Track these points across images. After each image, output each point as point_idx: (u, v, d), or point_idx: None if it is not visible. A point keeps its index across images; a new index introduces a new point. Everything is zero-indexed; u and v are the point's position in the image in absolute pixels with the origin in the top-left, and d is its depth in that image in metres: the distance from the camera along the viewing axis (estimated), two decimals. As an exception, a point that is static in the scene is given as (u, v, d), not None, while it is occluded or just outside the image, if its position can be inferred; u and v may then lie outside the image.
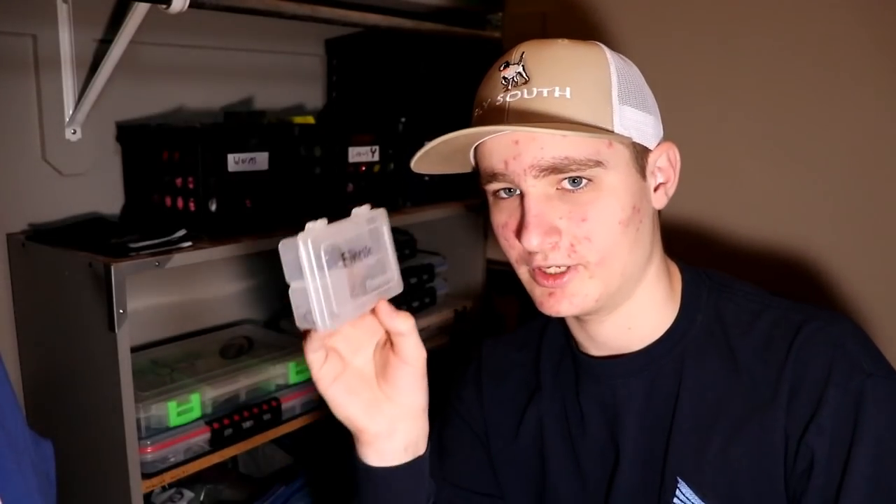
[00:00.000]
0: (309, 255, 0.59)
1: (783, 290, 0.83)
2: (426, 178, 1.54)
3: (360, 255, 0.65)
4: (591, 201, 0.72)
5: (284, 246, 0.59)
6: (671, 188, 0.79)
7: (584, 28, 1.48)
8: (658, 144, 0.77)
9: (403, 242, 1.61)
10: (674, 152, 0.79)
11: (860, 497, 0.68)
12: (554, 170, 0.70)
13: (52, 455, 0.67)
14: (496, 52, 1.62)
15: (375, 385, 0.70)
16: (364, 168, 1.40)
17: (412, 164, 0.77)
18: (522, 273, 0.77)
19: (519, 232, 0.73)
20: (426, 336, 1.54)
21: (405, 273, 1.55)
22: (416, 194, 1.51)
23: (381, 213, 0.69)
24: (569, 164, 0.70)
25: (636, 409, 0.81)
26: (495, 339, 1.00)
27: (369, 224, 0.67)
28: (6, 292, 1.21)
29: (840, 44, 1.21)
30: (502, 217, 0.76)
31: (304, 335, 0.64)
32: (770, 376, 0.74)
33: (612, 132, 0.71)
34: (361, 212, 0.67)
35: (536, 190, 0.72)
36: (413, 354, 0.67)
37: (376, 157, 1.41)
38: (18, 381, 1.23)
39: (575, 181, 0.71)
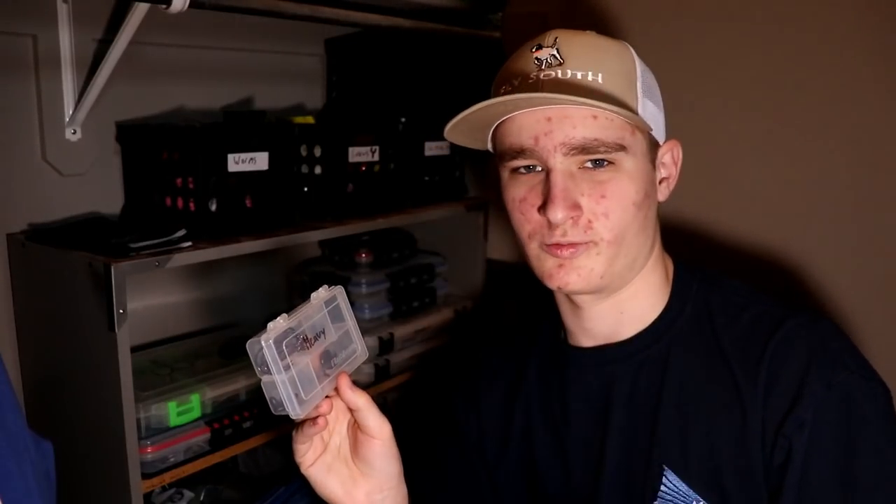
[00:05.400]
0: (273, 353, 0.64)
1: (776, 291, 0.83)
2: (426, 179, 1.54)
3: (322, 336, 0.71)
4: (610, 180, 0.75)
5: (251, 345, 0.65)
6: (672, 183, 0.84)
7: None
8: (666, 141, 0.82)
9: (403, 242, 1.61)
10: (678, 150, 0.84)
11: (833, 491, 0.69)
12: (583, 149, 0.74)
13: (52, 455, 0.67)
14: (496, 52, 1.64)
15: (351, 461, 0.74)
16: (364, 168, 1.40)
17: (446, 130, 0.79)
18: (532, 248, 0.79)
19: (542, 207, 0.75)
20: (426, 336, 1.55)
21: (405, 273, 1.57)
22: (416, 194, 1.51)
23: (339, 291, 0.74)
24: (598, 145, 0.73)
25: (623, 397, 0.82)
26: (490, 344, 1.02)
27: (328, 305, 0.72)
28: (6, 292, 1.21)
29: (841, 44, 1.21)
30: (520, 191, 0.78)
31: (296, 428, 0.71)
32: (748, 367, 0.75)
33: (638, 115, 0.75)
34: (319, 295, 0.72)
35: (563, 167, 0.74)
36: (375, 428, 0.71)
37: (376, 157, 1.41)
38: (18, 381, 1.23)
39: (597, 162, 0.75)
